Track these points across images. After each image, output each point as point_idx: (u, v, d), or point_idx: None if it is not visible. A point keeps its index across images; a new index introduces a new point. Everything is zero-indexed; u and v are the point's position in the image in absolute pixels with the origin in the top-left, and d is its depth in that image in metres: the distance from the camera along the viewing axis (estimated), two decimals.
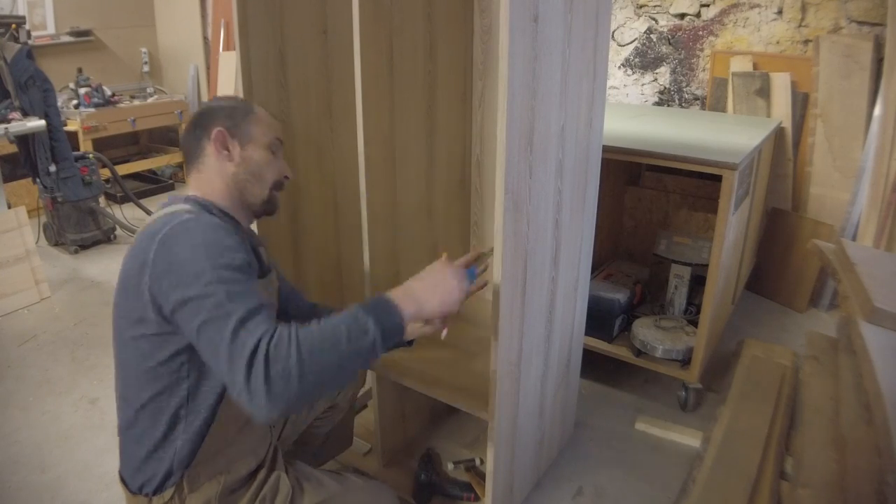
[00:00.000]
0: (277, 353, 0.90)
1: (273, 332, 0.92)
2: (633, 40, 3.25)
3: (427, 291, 1.09)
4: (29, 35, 3.27)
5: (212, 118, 1.21)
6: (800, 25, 2.78)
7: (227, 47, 4.44)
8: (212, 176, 1.20)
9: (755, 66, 2.89)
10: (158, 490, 1.10)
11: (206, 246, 1.01)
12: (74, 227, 3.50)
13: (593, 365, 2.25)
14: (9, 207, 3.06)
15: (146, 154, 4.91)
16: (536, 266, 1.45)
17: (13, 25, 3.13)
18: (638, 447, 2.00)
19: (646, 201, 2.80)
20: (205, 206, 1.16)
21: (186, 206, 1.12)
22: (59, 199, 3.37)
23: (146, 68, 5.00)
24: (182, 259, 1.00)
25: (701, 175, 2.39)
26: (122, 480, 1.16)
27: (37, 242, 3.14)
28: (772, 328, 2.72)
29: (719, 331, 2.41)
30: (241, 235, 1.15)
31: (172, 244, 1.01)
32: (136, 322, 1.06)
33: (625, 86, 3.34)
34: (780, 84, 2.83)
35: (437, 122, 1.77)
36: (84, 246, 3.58)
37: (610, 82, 3.32)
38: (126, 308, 1.08)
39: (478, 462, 1.81)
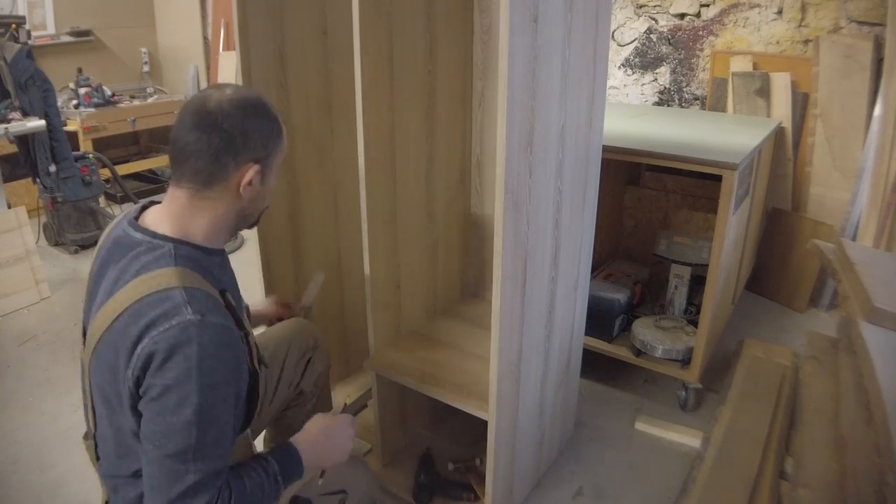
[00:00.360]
0: None
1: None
2: (633, 40, 3.25)
3: (326, 450, 1.17)
4: (29, 35, 3.27)
5: (247, 142, 1.01)
6: (800, 25, 2.78)
7: (227, 47, 4.44)
8: (217, 207, 1.03)
9: (755, 66, 2.89)
10: None
11: (201, 373, 0.91)
12: (74, 227, 3.50)
13: (593, 365, 2.25)
14: (9, 207, 3.06)
15: (146, 154, 4.91)
16: (536, 266, 1.45)
17: (13, 25, 3.12)
18: (638, 447, 2.00)
19: (646, 201, 2.80)
20: (192, 263, 1.00)
21: (176, 282, 0.95)
22: (59, 199, 3.37)
23: (146, 68, 5.00)
24: (170, 378, 0.90)
25: (701, 175, 2.39)
26: None
27: (37, 242, 3.14)
28: (772, 328, 2.72)
29: (719, 331, 2.41)
30: (224, 280, 1.08)
31: (166, 357, 0.90)
32: (113, 395, 0.99)
33: (625, 86, 3.34)
34: (780, 84, 2.83)
35: (437, 122, 1.77)
36: (84, 246, 3.58)
37: (610, 82, 3.32)
38: (104, 377, 0.99)
39: (478, 462, 1.81)
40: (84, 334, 1.08)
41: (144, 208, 1.10)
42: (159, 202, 1.09)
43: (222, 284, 1.06)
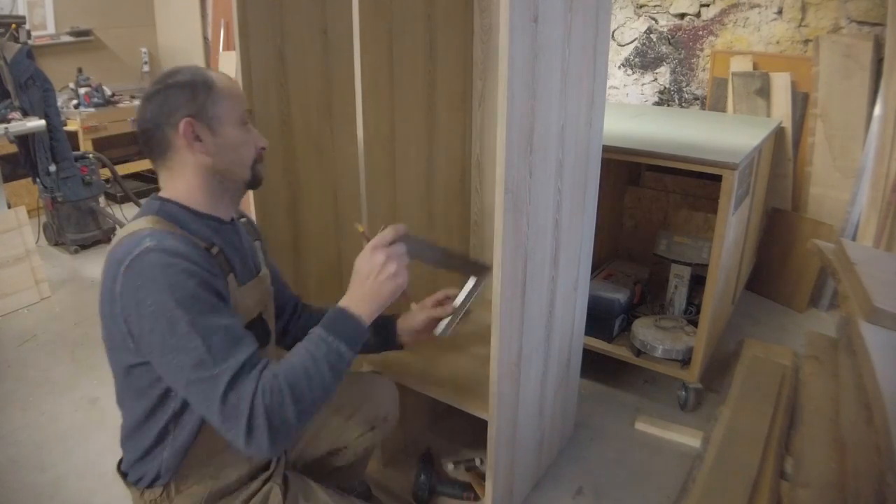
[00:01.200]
0: (273, 407, 0.94)
1: (264, 388, 0.94)
2: (633, 40, 3.25)
3: (372, 286, 1.11)
4: (29, 35, 3.27)
5: (172, 104, 1.06)
6: (800, 25, 2.78)
7: (227, 47, 4.44)
8: (186, 172, 1.09)
9: (755, 66, 2.89)
10: (149, 486, 1.13)
11: (172, 288, 0.94)
12: (74, 227, 3.50)
13: (593, 365, 2.25)
14: (9, 207, 3.06)
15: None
16: (536, 266, 1.45)
17: (13, 25, 3.12)
18: (638, 447, 2.00)
19: (646, 201, 2.80)
20: (172, 217, 1.07)
21: (147, 226, 1.02)
22: (59, 199, 3.37)
23: (146, 68, 4.99)
24: (150, 305, 0.95)
25: (701, 175, 2.39)
26: (120, 470, 1.19)
27: (37, 242, 3.14)
28: (772, 328, 2.72)
29: (719, 331, 2.41)
30: (219, 243, 1.10)
31: (136, 284, 0.96)
32: (119, 348, 1.05)
33: (625, 86, 3.34)
34: (780, 84, 2.83)
35: (437, 122, 1.77)
36: (84, 246, 3.58)
37: (610, 82, 3.32)
38: (108, 330, 1.06)
39: (478, 462, 1.81)
40: None
41: None
42: None
43: (213, 243, 1.10)
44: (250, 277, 1.19)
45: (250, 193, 1.74)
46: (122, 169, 4.15)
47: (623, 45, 3.29)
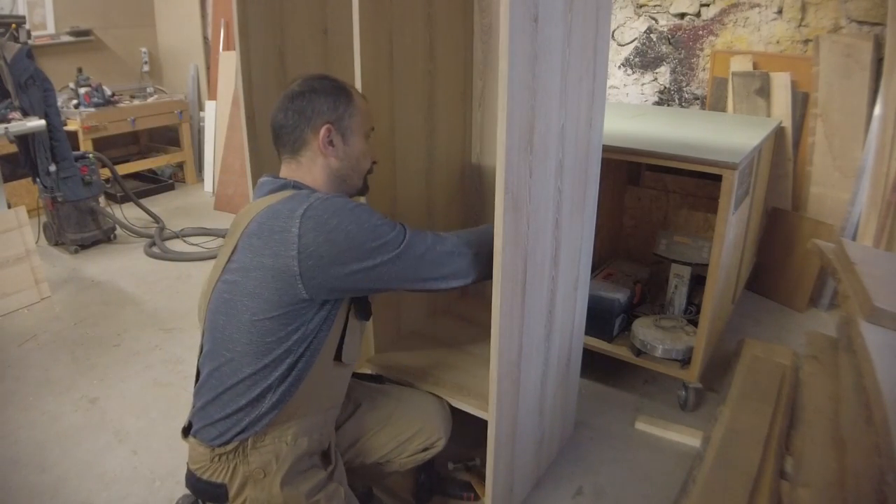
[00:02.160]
0: (471, 245, 1.30)
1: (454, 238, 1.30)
2: (633, 40, 3.25)
3: None
4: (29, 35, 3.28)
5: (316, 109, 1.23)
6: (800, 25, 2.78)
7: (227, 47, 4.44)
8: (313, 168, 1.25)
9: (755, 66, 2.89)
10: (224, 444, 1.18)
11: (359, 210, 1.14)
12: (74, 227, 3.50)
13: (593, 365, 2.25)
14: (9, 207, 3.06)
15: (146, 154, 4.91)
16: (536, 266, 1.45)
17: (13, 25, 3.12)
18: (638, 447, 2.00)
19: (646, 201, 2.80)
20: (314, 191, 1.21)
21: (304, 190, 1.19)
22: (59, 199, 3.37)
23: (146, 68, 5.00)
24: (347, 226, 1.12)
25: (701, 175, 2.39)
26: (188, 431, 1.24)
27: (37, 242, 3.14)
28: (772, 328, 2.73)
29: (719, 331, 2.41)
30: None
31: (324, 218, 1.11)
32: (266, 302, 1.13)
33: (625, 85, 3.34)
34: (780, 84, 2.83)
35: (437, 122, 1.77)
36: (84, 246, 3.58)
37: (610, 82, 3.32)
38: (254, 287, 1.13)
39: (478, 461, 1.81)
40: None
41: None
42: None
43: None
44: None
45: (248, 192, 1.75)
46: (122, 169, 4.16)
47: (623, 45, 3.29)
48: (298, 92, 1.24)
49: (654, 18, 3.16)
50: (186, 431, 1.26)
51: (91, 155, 3.51)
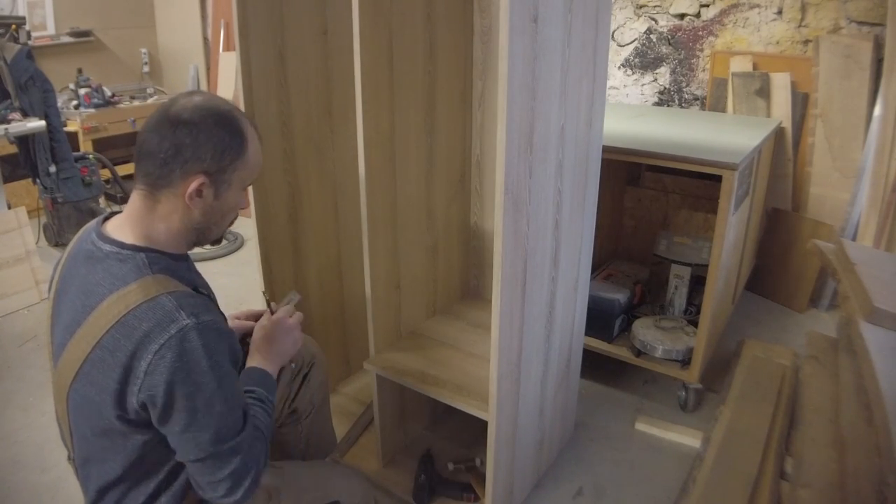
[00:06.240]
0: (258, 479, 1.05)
1: (258, 467, 1.04)
2: (633, 40, 3.25)
3: (280, 353, 1.27)
4: (29, 35, 3.27)
5: (197, 152, 0.99)
6: (800, 25, 2.78)
7: (227, 47, 4.44)
8: (170, 215, 1.03)
9: (755, 67, 2.89)
10: None
11: (213, 369, 0.96)
12: (74, 228, 3.49)
13: (593, 365, 2.25)
14: (9, 208, 3.06)
15: None
16: (536, 266, 1.45)
17: (13, 26, 3.12)
18: (638, 447, 2.00)
19: (646, 201, 2.80)
20: (167, 269, 1.02)
21: (160, 289, 0.97)
22: (60, 200, 3.37)
23: (146, 69, 4.99)
24: (190, 387, 0.94)
25: (701, 175, 2.39)
26: None
27: (37, 243, 3.13)
28: (772, 328, 2.72)
29: (719, 331, 2.41)
30: (197, 282, 1.10)
31: (176, 366, 0.92)
32: (107, 415, 0.98)
33: (625, 86, 3.34)
34: (780, 84, 2.83)
35: (437, 122, 1.77)
36: None
37: (610, 82, 3.32)
38: (98, 395, 0.97)
39: (478, 462, 1.81)
40: (53, 354, 1.07)
41: (107, 218, 1.09)
42: (120, 212, 1.09)
43: (195, 284, 1.09)
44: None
45: (250, 191, 1.75)
46: (122, 169, 4.15)
47: (623, 46, 3.29)
48: (186, 120, 0.98)
49: (653, 19, 3.16)
50: None
51: (91, 156, 3.51)
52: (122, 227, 1.04)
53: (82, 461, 1.09)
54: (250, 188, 1.78)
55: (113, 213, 1.11)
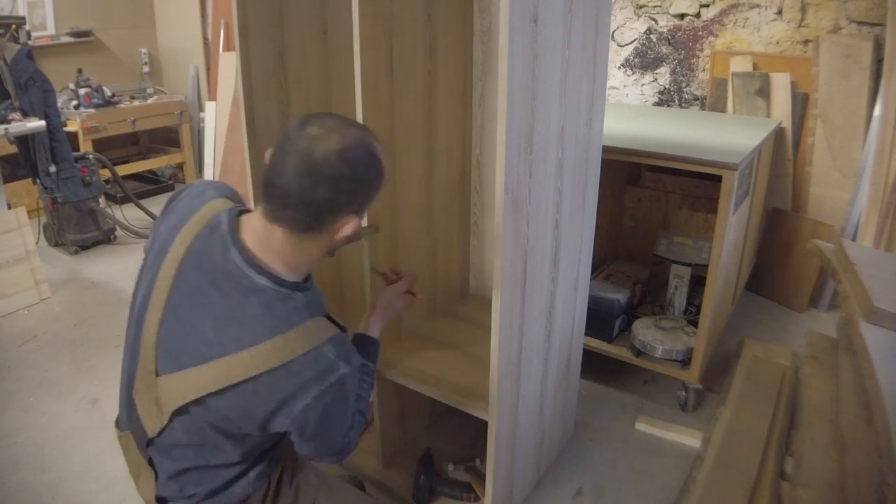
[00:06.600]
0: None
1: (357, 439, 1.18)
2: (633, 40, 3.25)
3: (390, 319, 1.43)
4: (29, 36, 3.27)
5: (349, 200, 1.01)
6: (799, 25, 2.78)
7: (227, 47, 4.44)
8: (311, 248, 1.04)
9: (755, 67, 2.89)
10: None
11: (352, 399, 1.09)
12: (74, 228, 3.50)
13: (593, 365, 2.25)
14: (9, 208, 3.06)
15: (146, 155, 4.91)
16: (536, 266, 1.45)
17: (13, 26, 3.12)
18: (638, 447, 2.00)
19: (646, 201, 2.80)
20: (314, 306, 1.06)
21: (323, 335, 1.01)
22: (60, 200, 3.37)
23: (146, 69, 4.99)
24: (336, 415, 1.05)
25: (701, 175, 2.39)
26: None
27: (37, 243, 3.14)
28: (772, 328, 2.72)
29: (719, 331, 2.41)
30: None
31: (327, 402, 1.01)
32: (232, 424, 1.03)
33: (625, 86, 3.34)
34: (780, 84, 2.83)
35: (437, 122, 1.77)
36: (84, 246, 3.58)
37: (610, 82, 3.32)
38: (226, 416, 1.01)
39: (478, 462, 1.81)
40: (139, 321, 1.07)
41: (236, 220, 1.06)
42: (248, 210, 1.10)
43: (325, 309, 1.12)
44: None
45: (249, 193, 1.75)
46: (122, 169, 4.16)
47: (623, 46, 3.29)
48: (336, 171, 0.97)
49: (653, 19, 3.16)
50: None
51: (91, 156, 3.51)
52: (266, 253, 1.02)
53: (169, 445, 1.08)
54: (251, 186, 1.78)
55: (241, 212, 1.08)
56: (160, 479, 1.11)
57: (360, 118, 1.47)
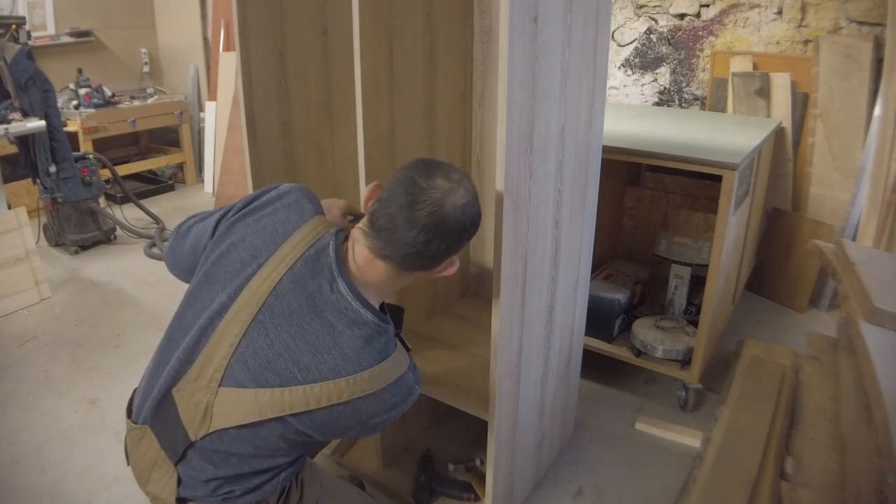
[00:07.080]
0: None
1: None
2: (633, 40, 3.25)
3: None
4: (29, 36, 3.27)
5: (467, 241, 1.10)
6: (800, 25, 2.78)
7: (227, 47, 4.44)
8: (405, 281, 1.14)
9: (755, 67, 2.89)
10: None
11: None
12: (74, 228, 3.50)
13: (593, 365, 2.25)
14: (9, 208, 3.06)
15: (146, 155, 4.91)
16: (536, 266, 1.45)
17: (13, 26, 3.12)
18: (638, 447, 2.00)
19: (646, 201, 2.80)
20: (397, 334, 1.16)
21: (405, 361, 1.11)
22: (60, 200, 3.37)
23: (146, 69, 5.00)
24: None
25: (701, 175, 2.39)
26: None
27: (37, 243, 3.14)
28: (772, 328, 2.72)
29: (719, 331, 2.41)
30: None
31: (391, 404, 1.08)
32: (298, 441, 1.08)
33: (625, 86, 3.34)
34: (780, 84, 2.83)
35: (437, 122, 1.77)
36: (84, 246, 3.58)
37: (610, 82, 3.32)
38: (302, 432, 1.05)
39: (478, 462, 1.81)
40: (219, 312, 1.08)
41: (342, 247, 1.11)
42: (347, 234, 1.14)
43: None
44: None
45: (249, 192, 1.75)
46: (123, 169, 4.16)
47: (623, 46, 3.29)
48: (460, 225, 1.04)
49: (653, 19, 3.16)
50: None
51: (91, 156, 3.51)
52: (366, 287, 1.09)
53: (213, 451, 1.08)
54: (251, 186, 1.78)
55: (344, 237, 1.12)
56: (191, 481, 1.09)
57: (360, 118, 1.47)
